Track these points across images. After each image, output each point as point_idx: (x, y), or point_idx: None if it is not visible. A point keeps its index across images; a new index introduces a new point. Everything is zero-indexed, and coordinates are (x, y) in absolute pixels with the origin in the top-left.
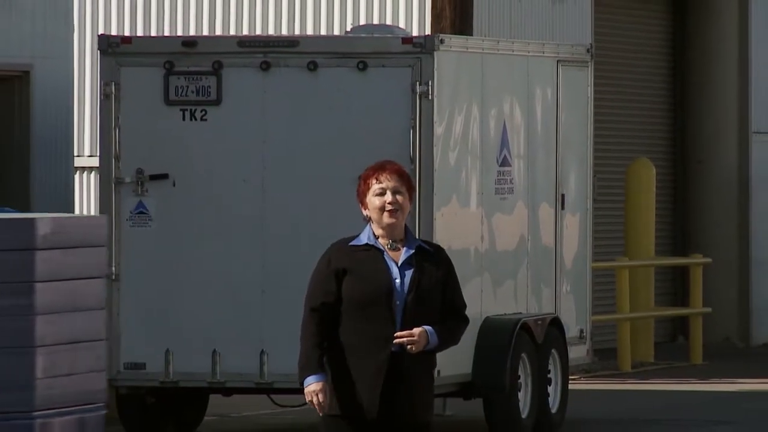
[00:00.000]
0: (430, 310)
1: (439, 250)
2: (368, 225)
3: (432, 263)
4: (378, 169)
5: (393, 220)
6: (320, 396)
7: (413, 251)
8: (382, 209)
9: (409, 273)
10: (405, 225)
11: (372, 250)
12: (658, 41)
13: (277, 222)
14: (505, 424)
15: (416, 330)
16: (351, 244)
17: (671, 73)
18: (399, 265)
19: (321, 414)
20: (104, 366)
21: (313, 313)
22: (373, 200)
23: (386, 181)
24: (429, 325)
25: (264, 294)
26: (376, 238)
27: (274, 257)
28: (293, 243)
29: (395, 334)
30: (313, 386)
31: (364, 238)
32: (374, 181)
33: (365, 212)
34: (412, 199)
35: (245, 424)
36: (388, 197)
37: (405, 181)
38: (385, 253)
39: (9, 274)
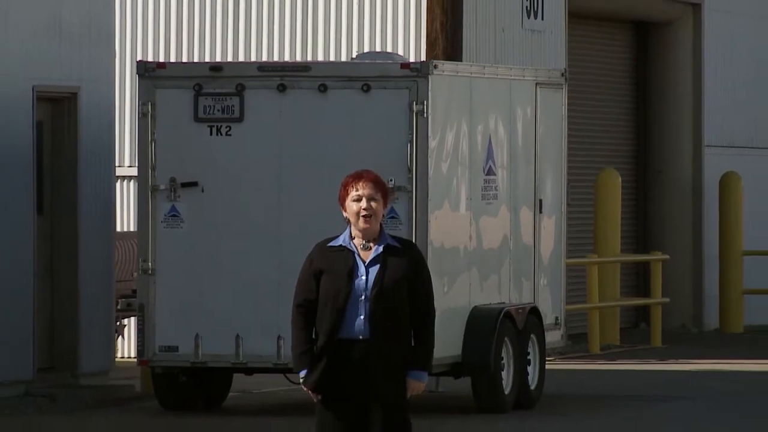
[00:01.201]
0: (395, 303)
1: (409, 245)
2: (348, 226)
3: (398, 258)
4: (356, 177)
5: (367, 225)
6: (310, 389)
7: (380, 250)
8: (358, 214)
9: (374, 270)
10: (381, 225)
11: (345, 251)
12: (623, 67)
13: (291, 224)
14: (489, 399)
15: (413, 388)
16: (329, 245)
17: (635, 95)
18: (366, 263)
19: (315, 401)
20: None
21: (299, 308)
22: (350, 205)
23: (362, 189)
24: (394, 319)
25: (280, 286)
26: (352, 238)
27: (288, 254)
28: (304, 241)
29: (414, 389)
30: (305, 375)
31: (341, 239)
32: (352, 189)
33: (345, 215)
34: (387, 203)
35: (264, 399)
36: (364, 204)
37: (380, 189)
38: (356, 253)
39: None
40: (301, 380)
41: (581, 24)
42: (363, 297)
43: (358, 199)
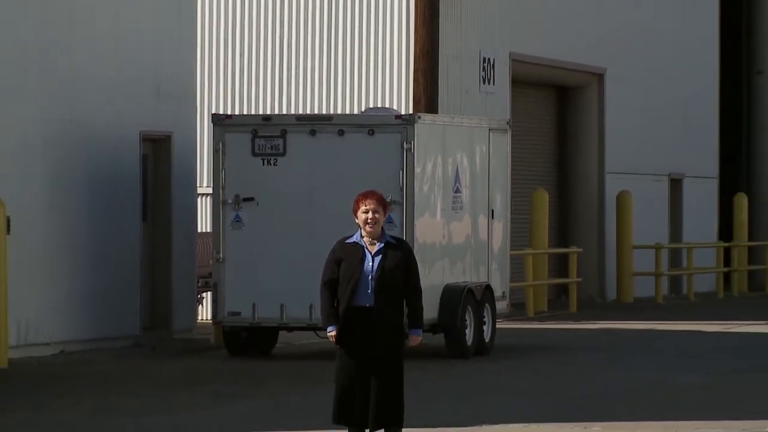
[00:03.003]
0: (392, 282)
1: (401, 242)
2: (359, 228)
3: (394, 251)
4: (364, 195)
5: (371, 229)
6: (333, 335)
7: (382, 245)
8: (365, 222)
9: (377, 259)
10: (382, 228)
11: (357, 245)
12: (549, 117)
13: (319, 226)
14: (457, 349)
15: (413, 340)
16: (346, 241)
17: (558, 136)
18: (372, 254)
19: (336, 345)
20: None
21: (325, 285)
22: (360, 215)
23: (369, 204)
24: (393, 293)
25: (311, 269)
26: (362, 237)
27: (316, 247)
28: (328, 238)
29: (413, 342)
30: (331, 330)
31: (354, 238)
32: (362, 203)
33: (356, 221)
34: (386, 213)
35: (300, 349)
36: (370, 215)
37: (381, 204)
38: (365, 247)
39: None
40: (328, 334)
41: (520, 88)
42: (370, 277)
43: (366, 211)
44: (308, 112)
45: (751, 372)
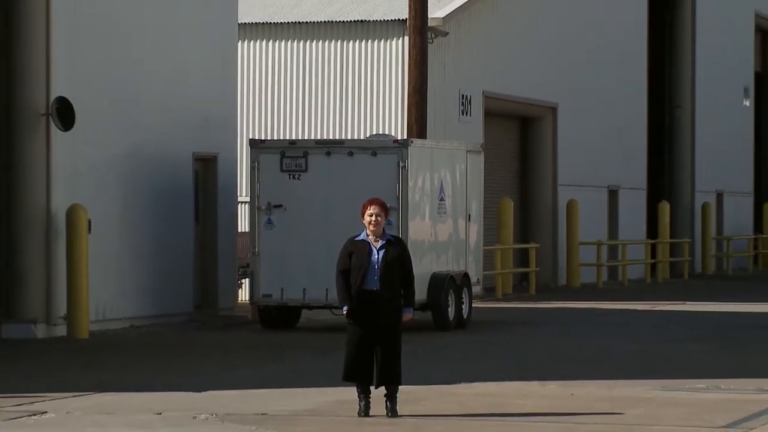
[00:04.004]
0: (394, 271)
1: (398, 240)
2: (365, 228)
3: (393, 247)
4: (369, 201)
5: (375, 229)
6: (349, 314)
7: (384, 242)
8: (370, 223)
9: (381, 252)
10: (383, 228)
11: (364, 242)
12: (514, 141)
13: (334, 227)
14: (441, 323)
15: (406, 316)
16: (355, 239)
17: (520, 157)
18: (377, 249)
19: (349, 321)
20: None
21: (340, 273)
22: (366, 217)
23: (373, 209)
24: (393, 280)
25: (328, 261)
26: (368, 235)
27: (332, 243)
28: (341, 236)
29: (406, 318)
30: (346, 308)
31: (361, 236)
32: (367, 208)
33: (363, 222)
34: (387, 217)
35: (318, 323)
36: (373, 218)
37: (383, 209)
38: (370, 243)
39: None
40: (343, 311)
41: (491, 118)
42: (376, 267)
43: (371, 215)
44: (325, 137)
45: (672, 342)
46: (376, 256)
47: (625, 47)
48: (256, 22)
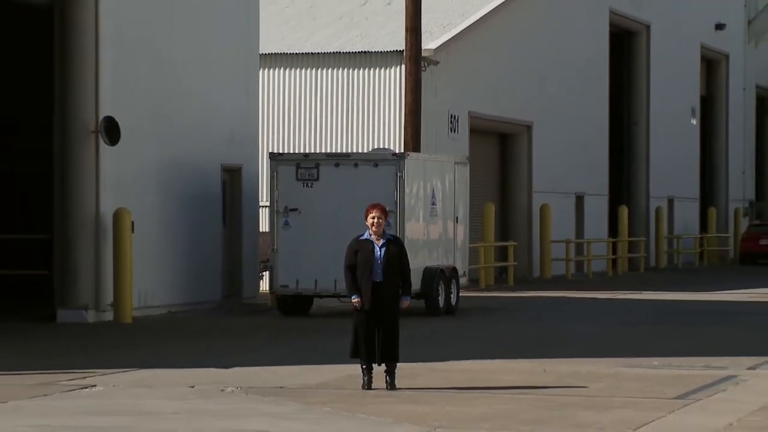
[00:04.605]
0: (394, 266)
1: (397, 239)
2: (368, 229)
3: (393, 245)
4: (372, 206)
5: (376, 230)
6: (356, 301)
7: (385, 241)
8: (372, 224)
9: (383, 250)
10: (383, 229)
11: (368, 240)
12: (495, 154)
13: (341, 228)
14: (433, 309)
15: (404, 303)
16: (360, 238)
17: (500, 167)
18: (379, 246)
19: (357, 308)
20: None
21: (348, 268)
22: (369, 219)
23: (375, 212)
24: (393, 273)
25: (336, 257)
26: (370, 235)
27: (340, 241)
28: (347, 235)
29: (404, 305)
30: (354, 297)
31: (365, 235)
32: (370, 212)
33: (366, 223)
34: (386, 218)
35: (327, 310)
36: (375, 220)
37: (383, 212)
38: (373, 242)
39: None
40: (353, 300)
41: (476, 135)
42: (379, 262)
43: (373, 217)
44: (334, 151)
45: (630, 325)
46: (379, 253)
47: (590, 74)
48: (275, 53)
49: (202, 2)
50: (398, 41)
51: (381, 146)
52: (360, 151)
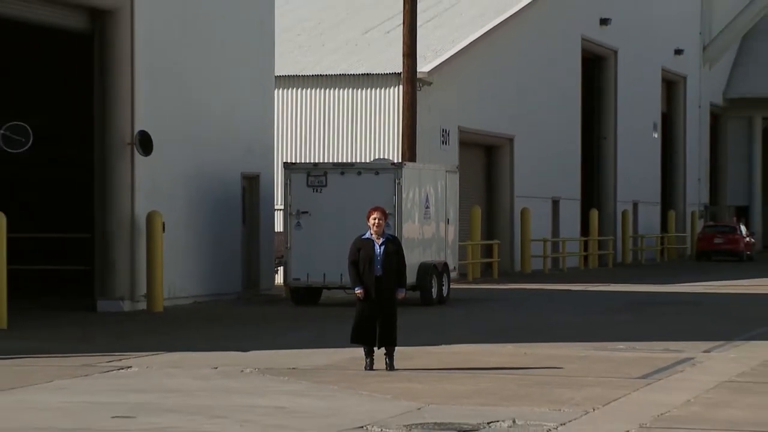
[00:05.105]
0: (392, 261)
1: (395, 238)
2: (369, 229)
3: (391, 244)
4: (373, 209)
5: (377, 230)
6: (360, 293)
7: (384, 240)
8: (373, 225)
9: (382, 248)
10: (383, 230)
11: (369, 240)
12: (481, 164)
13: (347, 227)
14: (426, 300)
15: (399, 294)
16: (362, 237)
17: (486, 175)
18: (379, 245)
19: (360, 298)
20: None
21: (352, 263)
22: (370, 220)
23: (375, 214)
24: (391, 268)
25: (341, 254)
26: (371, 234)
27: (344, 240)
28: (351, 235)
29: (400, 296)
30: (358, 289)
31: (366, 235)
32: (371, 214)
33: (368, 224)
34: (386, 219)
35: (334, 300)
36: (375, 221)
37: (384, 214)
38: (374, 240)
39: None
40: (356, 291)
41: (464, 147)
42: (379, 258)
43: (374, 219)
44: (340, 161)
45: (600, 314)
46: (379, 250)
47: (565, 93)
48: (288, 75)
49: (225, 31)
50: (396, 65)
51: (381, 157)
52: (363, 161)
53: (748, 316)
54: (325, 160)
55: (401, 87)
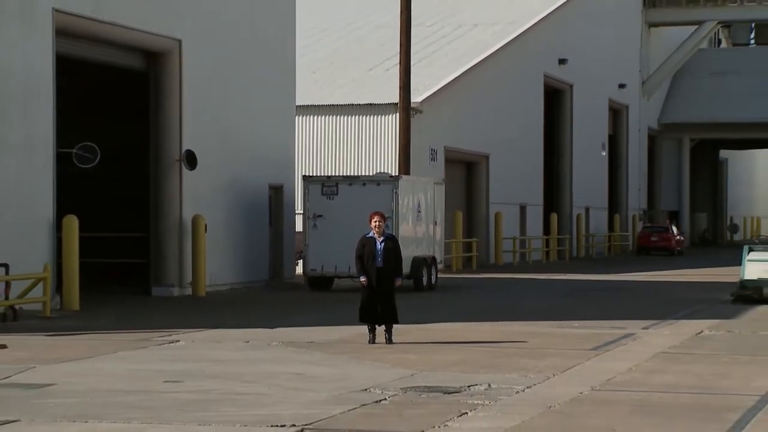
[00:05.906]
0: (391, 256)
1: (393, 237)
2: (372, 229)
3: (390, 241)
4: (374, 213)
5: (378, 230)
6: (364, 280)
7: (384, 238)
8: (375, 226)
9: (383, 245)
10: (383, 230)
11: (372, 238)
12: (462, 177)
13: (354, 228)
14: (419, 286)
15: (397, 282)
16: (366, 236)
17: (467, 187)
18: (380, 242)
19: (363, 285)
20: None
21: (358, 257)
22: (372, 222)
23: (376, 217)
24: (390, 261)
25: (350, 249)
26: (373, 234)
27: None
28: (357, 234)
29: (397, 283)
30: (362, 278)
31: (369, 234)
32: (373, 217)
33: (370, 225)
34: (385, 221)
35: (344, 287)
36: (376, 223)
37: (382, 217)
38: (376, 239)
39: None
40: (361, 279)
41: (449, 163)
42: (379, 252)
43: (375, 221)
44: (348, 174)
45: (558, 297)
46: (380, 247)
47: (531, 119)
48: (307, 104)
49: (255, 68)
50: (394, 96)
51: (382, 171)
52: (367, 174)
53: (679, 299)
54: (337, 174)
55: (398, 114)
